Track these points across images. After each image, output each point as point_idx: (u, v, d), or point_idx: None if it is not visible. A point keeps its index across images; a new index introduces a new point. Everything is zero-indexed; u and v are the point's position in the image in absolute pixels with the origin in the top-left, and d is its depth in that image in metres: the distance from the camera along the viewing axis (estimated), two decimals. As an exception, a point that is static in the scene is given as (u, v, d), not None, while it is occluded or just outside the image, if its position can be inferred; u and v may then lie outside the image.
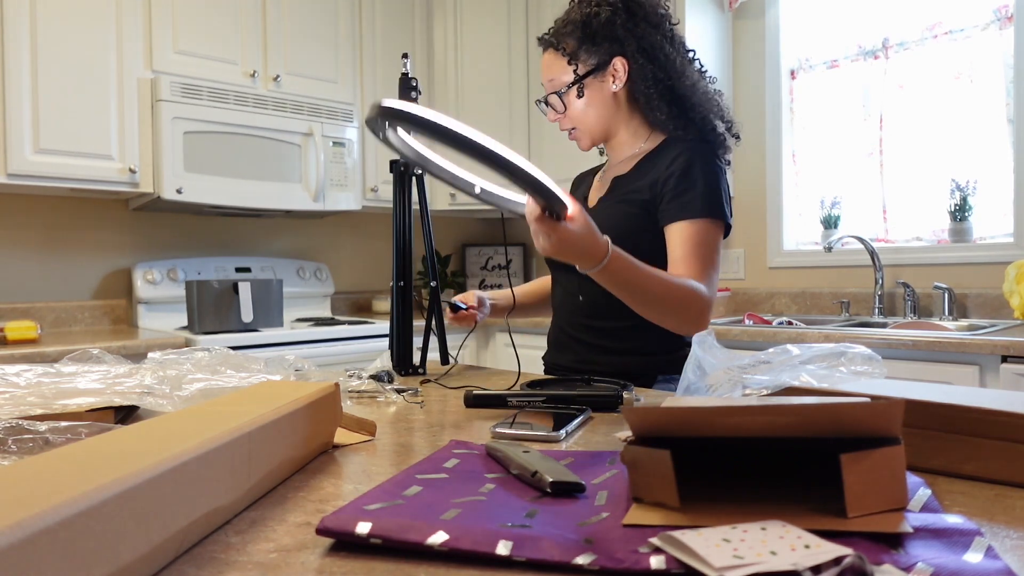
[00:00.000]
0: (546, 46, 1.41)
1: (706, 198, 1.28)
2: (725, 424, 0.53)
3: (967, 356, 1.94)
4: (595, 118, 1.39)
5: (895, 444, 0.49)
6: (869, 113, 2.77)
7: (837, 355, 0.76)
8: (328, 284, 3.24)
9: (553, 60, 1.39)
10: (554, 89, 1.40)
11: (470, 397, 1.03)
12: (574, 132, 1.43)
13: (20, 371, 0.84)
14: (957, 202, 2.52)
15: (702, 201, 1.28)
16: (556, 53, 1.39)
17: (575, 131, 1.43)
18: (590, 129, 1.41)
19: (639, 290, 1.13)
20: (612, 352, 1.36)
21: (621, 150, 1.44)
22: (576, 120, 1.40)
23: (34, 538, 0.33)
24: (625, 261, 1.09)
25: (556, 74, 1.39)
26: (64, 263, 2.72)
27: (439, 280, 1.45)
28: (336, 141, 2.94)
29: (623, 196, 1.36)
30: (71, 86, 2.38)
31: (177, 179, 2.53)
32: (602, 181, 1.47)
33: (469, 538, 0.47)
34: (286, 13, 2.89)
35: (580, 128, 1.41)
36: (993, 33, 2.46)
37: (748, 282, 3.09)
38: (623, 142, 1.43)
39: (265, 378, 0.91)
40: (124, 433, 0.52)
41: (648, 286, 1.13)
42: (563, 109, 1.40)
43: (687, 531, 0.46)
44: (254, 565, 0.46)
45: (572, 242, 1.00)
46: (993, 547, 0.45)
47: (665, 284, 1.16)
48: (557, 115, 1.42)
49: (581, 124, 1.41)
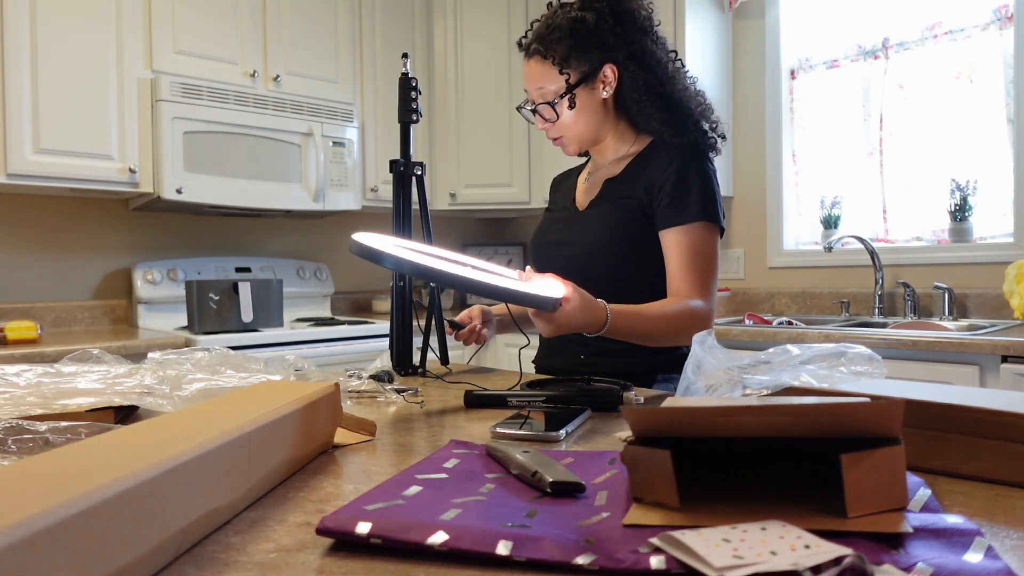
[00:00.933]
0: (531, 53, 1.35)
1: (701, 203, 1.28)
2: (725, 424, 0.53)
3: (967, 356, 1.94)
4: (584, 126, 1.37)
5: (895, 444, 0.49)
6: (869, 113, 2.77)
7: (837, 355, 0.76)
8: (328, 284, 3.24)
9: (540, 68, 1.34)
10: (543, 98, 1.35)
11: (470, 397, 1.03)
12: (560, 139, 1.40)
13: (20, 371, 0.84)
14: (957, 202, 2.52)
15: (698, 206, 1.28)
16: (544, 61, 1.33)
17: (562, 138, 1.39)
18: (579, 136, 1.38)
19: (644, 335, 1.20)
20: (612, 353, 1.35)
21: (607, 154, 1.43)
22: (565, 128, 1.37)
23: (34, 538, 0.33)
24: (626, 317, 1.15)
25: (544, 83, 1.34)
26: (64, 263, 2.72)
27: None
28: (336, 141, 2.94)
29: (618, 199, 1.35)
30: (71, 86, 2.37)
31: (177, 179, 2.53)
32: (590, 183, 1.45)
33: (469, 538, 0.47)
34: (286, 13, 2.89)
35: (568, 136, 1.38)
36: (993, 33, 2.46)
37: (748, 282, 3.09)
38: (610, 146, 1.42)
39: (265, 378, 0.91)
40: (124, 433, 0.52)
41: (652, 329, 1.20)
42: (555, 118, 1.36)
43: (687, 531, 0.46)
44: (254, 565, 0.46)
45: (573, 323, 1.06)
46: (993, 547, 0.45)
47: (667, 320, 1.21)
48: (545, 124, 1.38)
49: (570, 132, 1.37)
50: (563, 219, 1.45)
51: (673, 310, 1.22)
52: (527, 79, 1.37)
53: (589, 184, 1.46)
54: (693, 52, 2.87)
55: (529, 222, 3.79)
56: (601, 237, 1.33)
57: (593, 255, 1.34)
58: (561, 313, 1.03)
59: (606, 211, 1.36)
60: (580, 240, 1.37)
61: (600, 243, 1.33)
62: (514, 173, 3.36)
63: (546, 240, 1.45)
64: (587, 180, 1.48)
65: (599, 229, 1.34)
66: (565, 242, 1.39)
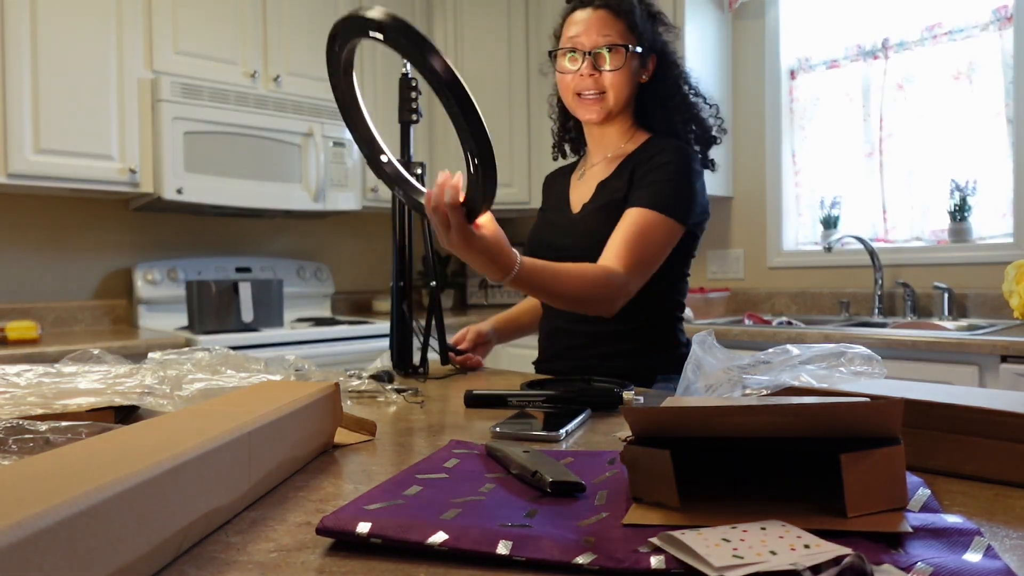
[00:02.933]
0: (606, 5, 1.35)
1: (670, 196, 1.28)
2: (725, 424, 0.53)
3: (967, 356, 1.94)
4: (626, 94, 1.37)
5: (895, 444, 0.49)
6: (869, 113, 2.77)
7: (837, 355, 0.76)
8: (328, 284, 3.24)
9: (612, 20, 1.33)
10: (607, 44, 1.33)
11: (470, 397, 1.03)
12: (602, 97, 1.36)
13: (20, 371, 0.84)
14: (957, 202, 2.52)
15: (667, 199, 1.27)
16: (617, 18, 1.34)
17: (600, 96, 1.35)
18: (618, 99, 1.36)
19: (551, 292, 1.16)
20: (611, 355, 1.35)
21: (606, 146, 1.43)
22: (616, 85, 1.34)
23: (34, 538, 0.33)
24: (537, 270, 1.11)
25: (612, 33, 1.33)
26: (64, 263, 2.72)
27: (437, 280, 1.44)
28: (336, 141, 2.94)
29: (610, 200, 1.36)
30: (71, 86, 2.37)
31: (177, 179, 2.53)
32: (583, 184, 1.46)
33: (469, 538, 0.47)
34: (286, 13, 2.89)
35: (611, 93, 1.35)
36: (993, 33, 2.46)
37: (748, 282, 3.09)
38: (613, 134, 1.42)
39: (265, 378, 0.91)
40: (124, 433, 0.52)
41: (561, 288, 1.15)
42: (620, 66, 1.33)
43: (687, 531, 0.46)
44: (254, 565, 0.46)
45: (477, 249, 0.99)
46: (993, 547, 0.45)
47: (578, 282, 1.17)
48: (594, 70, 1.34)
49: (616, 91, 1.35)
50: (557, 221, 1.46)
51: (589, 274, 1.19)
52: (589, 24, 1.34)
53: (582, 185, 1.46)
54: (693, 52, 2.87)
55: (529, 222, 3.78)
56: (595, 240, 1.33)
57: (588, 259, 1.34)
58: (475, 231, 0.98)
59: (599, 214, 1.36)
60: (574, 244, 1.36)
61: (595, 247, 1.33)
62: (514, 173, 3.36)
63: (542, 242, 1.45)
64: (581, 179, 1.48)
65: (593, 232, 1.34)
66: (561, 245, 1.39)
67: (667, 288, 1.37)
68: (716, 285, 3.15)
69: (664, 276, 1.32)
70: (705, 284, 3.20)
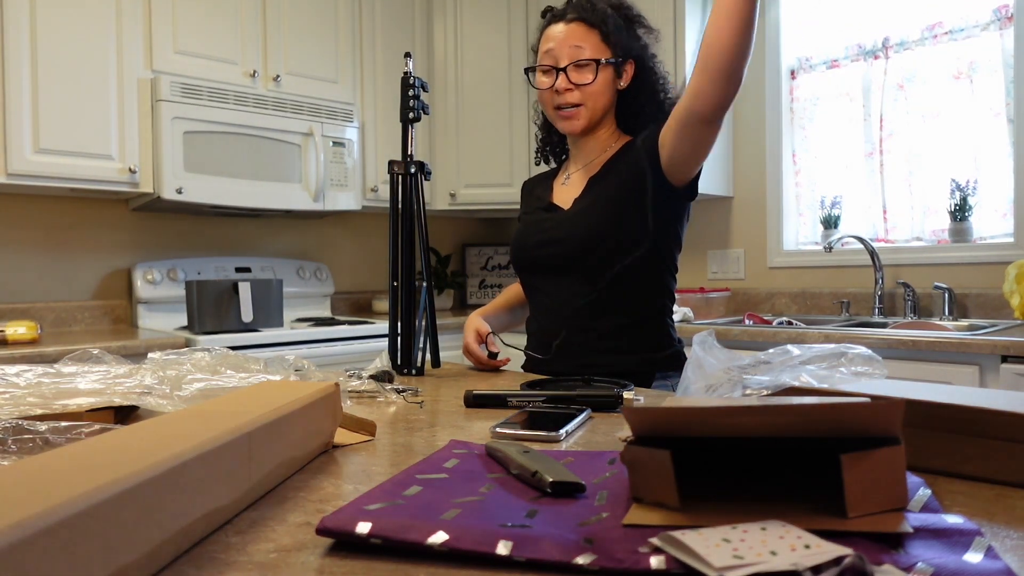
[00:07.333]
0: (572, 20, 1.36)
1: None
2: (725, 424, 0.53)
3: (967, 356, 1.94)
4: (604, 104, 1.38)
5: (895, 444, 0.49)
6: (869, 113, 2.77)
7: (837, 355, 0.76)
8: (328, 284, 3.24)
9: (584, 32, 1.35)
10: (579, 57, 1.34)
11: (470, 397, 1.03)
12: (575, 110, 1.37)
13: (20, 371, 0.84)
14: (957, 202, 2.52)
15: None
16: (590, 29, 1.35)
17: (578, 108, 1.37)
18: (595, 109, 1.37)
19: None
20: (610, 352, 1.35)
21: (588, 152, 1.44)
22: (591, 97, 1.36)
23: (34, 538, 0.33)
24: None
25: (585, 44, 1.35)
26: (64, 263, 2.72)
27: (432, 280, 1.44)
28: (336, 141, 2.94)
29: (605, 191, 1.36)
30: (71, 86, 2.37)
31: (177, 179, 2.53)
32: (569, 183, 1.46)
33: (469, 538, 0.47)
34: (286, 13, 2.89)
35: (588, 105, 1.37)
36: (993, 33, 2.46)
37: (748, 282, 3.09)
38: (596, 142, 1.43)
39: (265, 378, 0.91)
40: (124, 433, 0.52)
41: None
42: (590, 81, 1.34)
43: (687, 531, 0.46)
44: (254, 565, 0.46)
45: None
46: (993, 547, 0.45)
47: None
48: (570, 84, 1.36)
49: (592, 102, 1.36)
50: (548, 219, 1.44)
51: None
52: (563, 38, 1.36)
53: (568, 185, 1.46)
54: (694, 52, 2.87)
55: (529, 222, 3.78)
56: (594, 231, 1.33)
57: (587, 250, 1.34)
58: None
59: (596, 205, 1.36)
60: (571, 236, 1.36)
61: (593, 238, 1.33)
62: (514, 173, 3.36)
63: (533, 241, 1.44)
64: (564, 183, 1.48)
65: (591, 223, 1.34)
66: (556, 240, 1.38)
67: (657, 282, 1.38)
68: (716, 285, 3.15)
69: (655, 266, 1.35)
70: (705, 284, 3.20)
